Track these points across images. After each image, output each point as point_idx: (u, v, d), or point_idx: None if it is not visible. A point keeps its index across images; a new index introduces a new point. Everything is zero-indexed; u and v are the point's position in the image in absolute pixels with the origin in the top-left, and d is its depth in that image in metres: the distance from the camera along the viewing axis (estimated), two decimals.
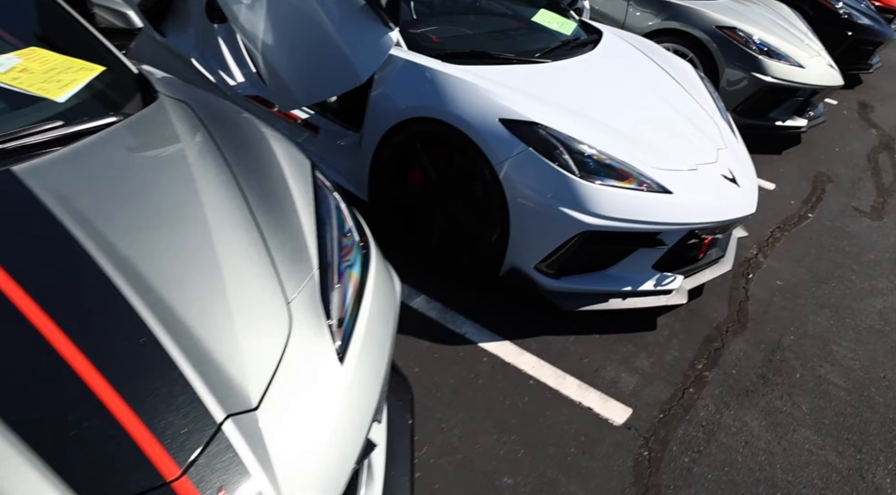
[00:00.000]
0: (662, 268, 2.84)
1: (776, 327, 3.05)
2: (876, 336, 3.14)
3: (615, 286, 2.76)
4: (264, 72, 2.97)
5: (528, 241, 2.65)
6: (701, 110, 3.38)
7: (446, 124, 2.68)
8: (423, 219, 2.95)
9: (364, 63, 2.81)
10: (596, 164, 2.60)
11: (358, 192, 3.14)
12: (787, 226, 4.00)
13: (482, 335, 2.64)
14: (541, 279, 2.69)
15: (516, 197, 2.58)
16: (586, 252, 2.66)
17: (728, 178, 2.96)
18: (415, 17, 3.26)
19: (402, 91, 2.84)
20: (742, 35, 4.79)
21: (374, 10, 2.70)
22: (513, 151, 2.57)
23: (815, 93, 5.00)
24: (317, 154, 3.31)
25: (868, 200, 4.60)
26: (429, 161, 2.83)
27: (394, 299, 1.86)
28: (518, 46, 3.35)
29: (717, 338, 2.89)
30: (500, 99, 2.66)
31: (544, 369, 2.53)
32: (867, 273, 3.67)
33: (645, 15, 5.07)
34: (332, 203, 1.87)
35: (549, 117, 2.66)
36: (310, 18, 2.79)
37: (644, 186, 2.64)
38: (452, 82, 2.73)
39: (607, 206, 2.55)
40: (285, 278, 1.56)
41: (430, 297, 2.79)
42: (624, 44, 3.77)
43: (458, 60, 2.92)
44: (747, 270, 3.46)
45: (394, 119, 2.84)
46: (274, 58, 2.89)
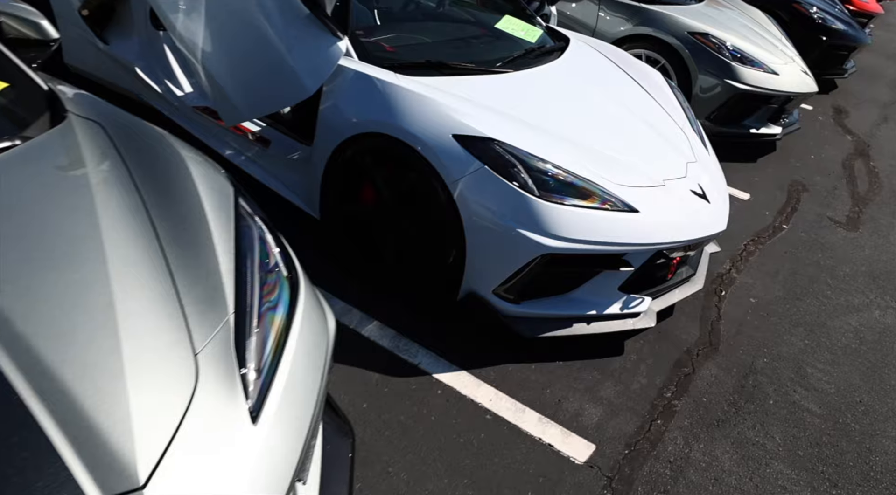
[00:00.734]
0: (629, 290, 2.69)
1: (749, 349, 2.92)
2: (851, 356, 3.02)
3: (579, 310, 2.60)
4: (206, 84, 2.78)
5: (486, 265, 2.49)
6: (670, 121, 3.25)
7: (397, 140, 2.51)
8: (377, 240, 2.78)
9: (311, 74, 2.63)
10: (556, 183, 2.44)
11: (310, 210, 2.96)
12: (761, 239, 3.88)
13: (437, 365, 2.48)
14: (500, 304, 2.53)
15: (471, 218, 2.42)
16: (547, 275, 2.50)
17: (698, 194, 2.82)
18: (368, 24, 3.09)
19: (352, 104, 2.66)
20: (715, 41, 4.67)
21: (319, 19, 2.53)
22: (467, 169, 2.40)
23: (789, 100, 4.90)
24: (268, 169, 3.13)
25: (843, 210, 4.50)
26: (381, 178, 2.66)
27: (326, 339, 1.68)
28: (479, 55, 3.19)
29: (687, 363, 2.75)
30: (453, 113, 2.49)
31: (503, 402, 2.37)
32: (842, 288, 3.55)
33: (616, 21, 4.94)
34: (256, 234, 1.69)
35: (507, 132, 2.51)
36: (252, 27, 2.60)
37: (608, 205, 2.49)
38: (403, 95, 2.56)
39: (568, 228, 2.39)
40: (194, 325, 1.38)
41: (384, 324, 2.62)
42: (591, 52, 3.63)
43: (412, 71, 2.75)
44: (720, 287, 3.33)
45: (344, 134, 2.66)
46: (215, 69, 2.71)
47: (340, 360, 2.40)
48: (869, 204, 4.68)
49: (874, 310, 3.41)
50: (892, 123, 6.54)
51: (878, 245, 4.10)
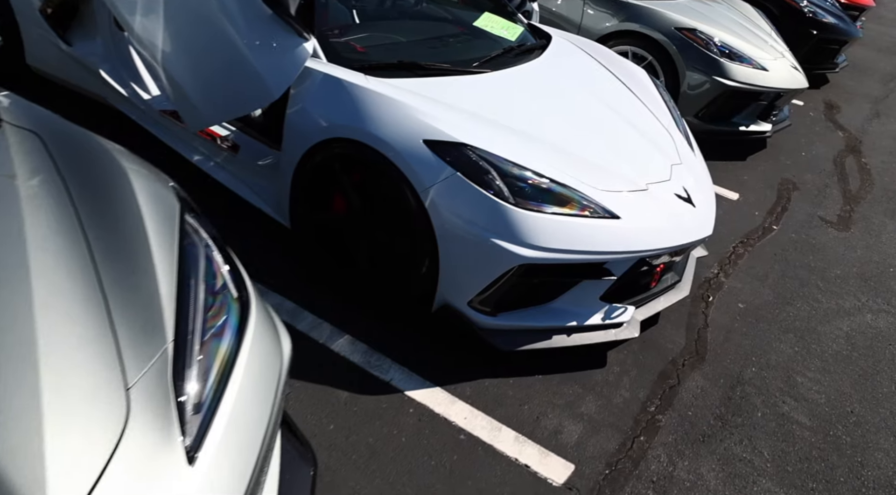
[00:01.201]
0: (611, 299, 2.58)
1: (737, 358, 2.82)
2: (842, 363, 2.92)
3: (559, 321, 2.50)
4: (167, 87, 2.66)
5: (460, 276, 2.38)
6: (655, 121, 3.14)
7: (366, 146, 2.39)
8: (349, 249, 2.67)
9: (276, 77, 2.52)
10: (533, 189, 2.33)
11: (280, 218, 2.84)
12: (750, 241, 3.78)
13: (410, 381, 2.36)
14: (475, 316, 2.42)
15: (444, 227, 2.31)
16: (525, 286, 2.40)
17: (682, 198, 2.71)
18: (338, 24, 2.96)
19: (319, 108, 2.54)
20: (702, 37, 4.56)
21: (283, 19, 2.41)
22: (439, 176, 2.29)
23: (779, 96, 4.80)
24: (237, 175, 3.00)
25: (835, 209, 4.41)
26: (351, 185, 2.55)
27: (278, 364, 1.57)
28: (455, 55, 3.07)
29: (672, 374, 2.65)
30: (424, 117, 2.38)
31: (478, 420, 2.26)
32: (833, 291, 3.46)
33: (602, 16, 4.82)
34: (202, 253, 1.57)
35: (482, 136, 2.39)
36: (213, 28, 2.48)
37: (587, 212, 2.38)
38: (372, 99, 2.44)
39: (545, 236, 2.28)
40: (128, 356, 1.27)
41: (355, 338, 2.51)
42: (574, 50, 3.51)
43: (383, 72, 2.63)
44: (707, 292, 3.22)
45: (312, 139, 2.54)
46: (176, 72, 2.58)
47: (308, 378, 2.29)
48: (860, 202, 4.58)
49: (866, 314, 3.31)
50: (884, 118, 6.45)
51: (869, 245, 4.00)
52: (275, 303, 2.60)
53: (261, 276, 2.71)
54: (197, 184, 3.16)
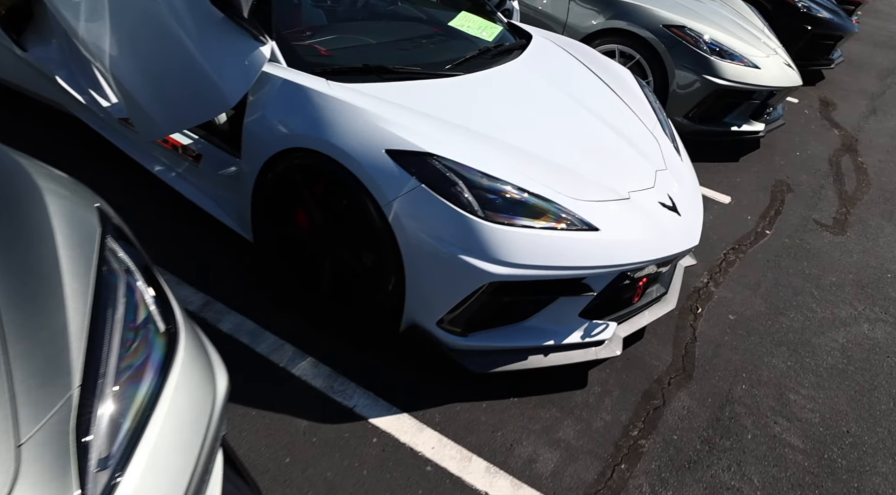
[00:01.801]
0: (592, 315, 2.43)
1: (726, 374, 2.67)
2: (838, 378, 2.77)
3: (535, 341, 2.35)
4: (119, 95, 2.51)
5: (427, 295, 2.23)
6: (639, 125, 2.99)
7: (326, 157, 2.24)
8: (313, 266, 2.51)
9: (232, 84, 2.36)
10: (504, 201, 2.18)
11: (242, 231, 2.69)
12: (742, 247, 3.63)
13: (375, 407, 2.21)
14: (445, 337, 2.27)
15: (409, 243, 2.16)
16: (497, 304, 2.25)
17: (667, 206, 2.56)
18: (301, 25, 2.81)
19: (278, 116, 2.39)
20: (692, 34, 4.41)
21: (236, 22, 2.25)
22: (402, 189, 2.14)
23: (772, 94, 4.64)
24: (199, 186, 2.85)
25: (830, 211, 4.25)
26: (312, 198, 2.40)
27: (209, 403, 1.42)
28: (426, 57, 2.92)
29: (657, 394, 2.50)
30: (387, 125, 2.22)
31: (447, 449, 2.11)
32: (829, 299, 3.31)
33: (588, 14, 4.66)
34: (123, 282, 1.42)
35: (449, 145, 2.24)
36: (163, 33, 2.33)
37: (563, 224, 2.23)
38: (332, 106, 2.29)
39: (518, 252, 2.13)
40: (25, 405, 1.12)
41: (319, 361, 2.35)
42: (555, 50, 3.36)
43: (347, 77, 2.48)
44: (696, 303, 3.07)
45: (271, 149, 2.39)
46: (126, 79, 2.43)
47: (265, 406, 2.14)
48: (857, 203, 4.43)
49: (862, 324, 3.16)
50: (880, 115, 6.30)
51: (866, 249, 3.85)
52: (235, 323, 2.45)
53: (222, 294, 2.56)
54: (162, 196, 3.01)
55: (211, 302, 2.52)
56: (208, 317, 2.45)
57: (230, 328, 2.42)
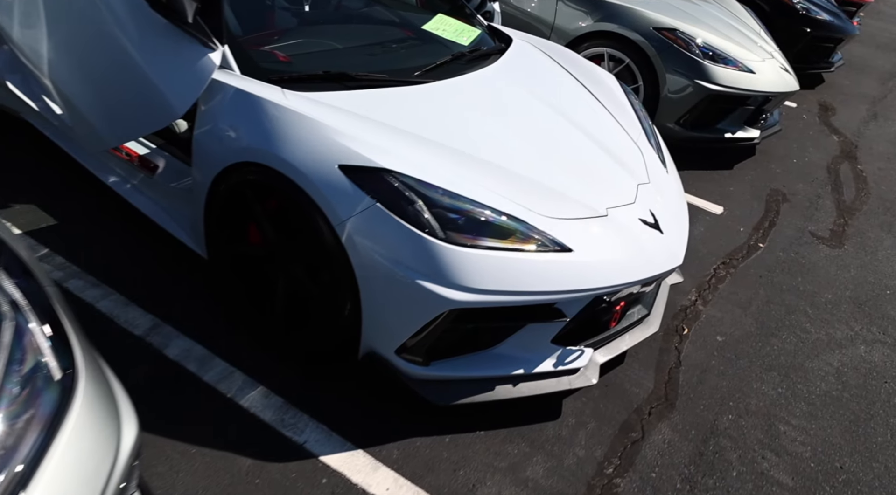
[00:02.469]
0: (565, 341, 2.27)
1: (711, 403, 2.50)
2: (832, 406, 2.60)
3: (503, 369, 2.18)
4: (61, 105, 2.35)
5: (384, 321, 2.07)
6: (622, 135, 2.82)
7: (277, 172, 2.08)
8: (267, 286, 2.35)
9: (179, 93, 2.20)
10: (467, 221, 2.01)
11: (197, 248, 2.53)
12: (733, 261, 3.46)
13: (328, 443, 2.05)
14: (405, 366, 2.10)
15: (364, 266, 1.99)
16: (460, 332, 2.08)
17: (648, 223, 2.39)
18: (259, 29, 2.64)
19: (229, 128, 2.23)
20: (683, 37, 4.23)
21: (181, 28, 2.09)
22: (356, 208, 1.97)
23: (767, 100, 4.47)
24: (154, 199, 2.69)
25: (827, 223, 4.08)
26: (264, 215, 2.23)
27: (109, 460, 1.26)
28: (395, 63, 2.75)
29: (636, 426, 2.33)
30: (342, 138, 2.06)
31: (403, 490, 1.95)
32: (824, 318, 3.13)
33: (576, 16, 4.49)
34: (9, 329, 1.26)
35: (410, 159, 2.08)
36: (103, 38, 2.17)
37: (533, 245, 2.06)
38: (285, 117, 2.12)
39: (481, 276, 1.96)
40: None
41: (270, 390, 2.19)
42: (535, 54, 3.19)
43: (306, 85, 2.31)
44: (682, 324, 2.90)
45: (222, 162, 2.23)
46: (67, 88, 2.27)
47: (207, 443, 1.98)
48: (855, 214, 4.26)
49: (859, 346, 2.99)
50: (881, 120, 6.12)
51: (864, 264, 3.68)
52: (183, 348, 2.28)
53: (172, 316, 2.40)
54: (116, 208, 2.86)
55: (159, 324, 2.36)
56: (154, 342, 2.29)
57: (177, 354, 2.26)
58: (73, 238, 2.70)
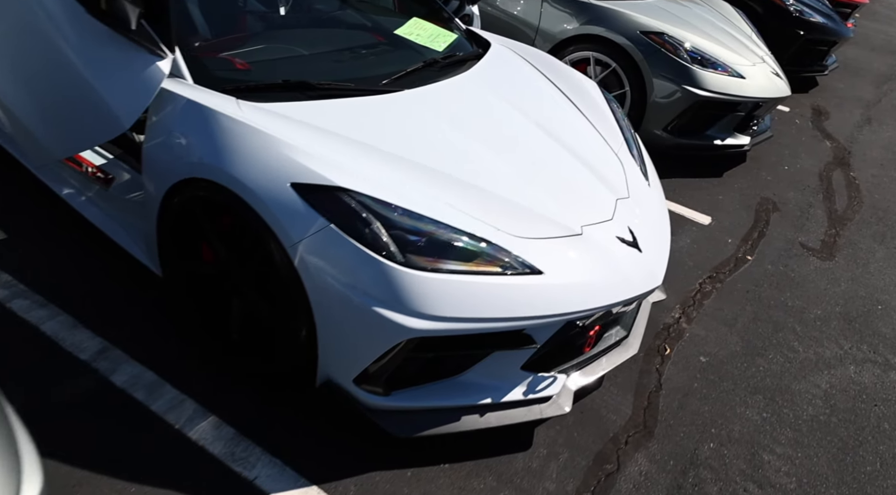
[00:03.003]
0: (537, 368, 2.14)
1: (692, 430, 2.38)
2: (819, 432, 2.48)
3: (469, 399, 2.05)
4: (4, 116, 2.22)
5: (341, 349, 1.94)
6: (602, 146, 2.69)
7: (227, 189, 1.95)
8: (222, 308, 2.22)
9: (126, 104, 2.08)
10: (429, 243, 1.89)
11: (152, 265, 2.40)
12: (720, 275, 3.34)
13: (281, 479, 1.92)
14: (364, 397, 1.98)
15: (318, 291, 1.86)
16: (421, 361, 1.96)
17: (626, 242, 2.26)
18: (216, 34, 2.51)
19: (179, 141, 2.10)
20: (671, 41, 4.11)
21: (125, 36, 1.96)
22: (308, 229, 1.84)
23: (757, 106, 4.35)
24: (109, 213, 2.55)
25: (818, 233, 3.96)
26: (216, 234, 2.11)
27: None
28: (363, 71, 2.62)
29: (611, 456, 2.21)
30: (295, 154, 1.93)
31: None
32: (813, 336, 3.02)
33: (561, 19, 4.36)
34: None
35: (369, 176, 1.95)
36: (45, 45, 2.04)
37: (500, 267, 1.94)
38: (236, 130, 1.99)
39: (443, 302, 1.84)
40: None
41: (222, 420, 2.06)
42: (514, 59, 3.06)
43: (264, 95, 2.18)
44: (664, 343, 2.78)
45: (172, 177, 2.10)
46: (8, 97, 2.14)
47: (148, 481, 1.85)
48: (847, 224, 4.14)
49: (848, 365, 2.87)
50: (875, 125, 6.01)
51: (855, 277, 3.56)
52: (132, 374, 2.15)
53: (123, 339, 2.27)
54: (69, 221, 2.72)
55: (108, 348, 2.23)
56: (101, 368, 2.15)
57: (125, 381, 2.13)
58: (21, 254, 2.56)
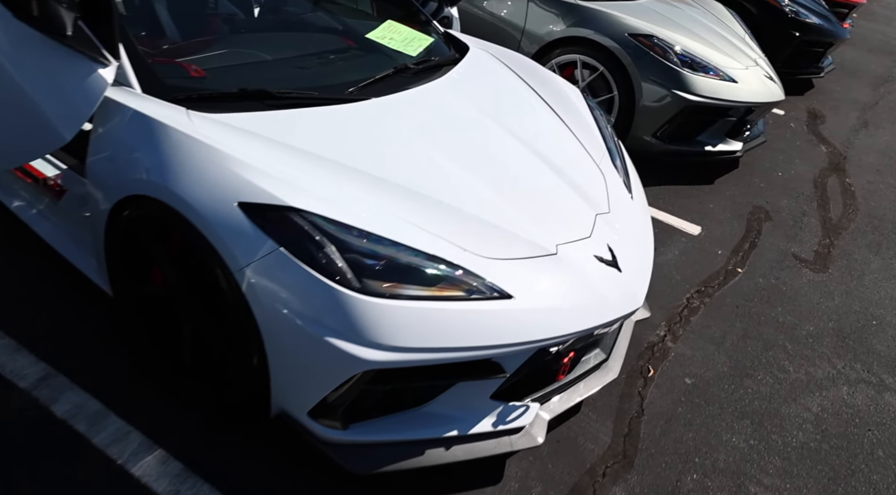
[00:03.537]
0: (507, 396, 2.01)
1: (675, 460, 2.25)
2: (809, 460, 2.35)
3: (434, 431, 1.92)
4: None
5: (293, 381, 1.80)
6: (584, 157, 2.56)
7: (171, 209, 1.81)
8: (173, 331, 2.09)
9: (65, 116, 1.93)
10: (387, 267, 1.75)
11: (101, 283, 2.26)
12: (708, 290, 3.20)
13: None
14: (320, 430, 1.84)
15: (268, 319, 1.73)
16: (379, 393, 1.82)
17: (605, 261, 2.13)
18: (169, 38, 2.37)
19: (124, 155, 1.96)
20: (660, 44, 3.97)
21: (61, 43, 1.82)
22: (256, 253, 1.70)
23: (750, 111, 4.21)
24: (59, 227, 2.42)
25: (812, 243, 3.83)
26: (163, 254, 1.97)
27: None
28: (329, 78, 2.48)
29: (587, 490, 2.08)
30: (244, 171, 1.79)
31: None
32: (804, 355, 2.88)
33: (548, 20, 4.22)
34: None
35: (324, 195, 1.81)
36: None
37: (464, 290, 1.80)
38: (185, 145, 1.85)
39: (402, 332, 1.70)
40: None
41: (169, 454, 1.93)
42: (492, 64, 2.93)
43: (218, 105, 2.05)
44: (647, 364, 2.65)
45: (116, 194, 1.96)
46: None
47: None
48: (842, 233, 4.01)
49: (841, 386, 2.74)
50: (872, 129, 5.88)
51: (850, 290, 3.43)
52: (75, 403, 2.02)
53: (68, 365, 2.13)
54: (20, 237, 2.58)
55: (51, 374, 2.09)
56: (42, 397, 2.02)
57: (67, 410, 1.99)
58: None
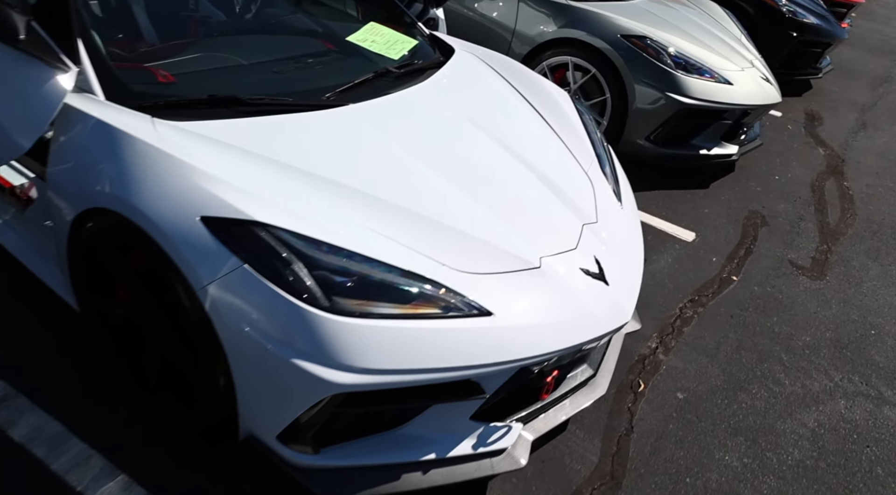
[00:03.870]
0: (488, 417, 1.92)
1: (665, 480, 2.16)
2: (805, 480, 2.26)
3: (410, 454, 1.82)
4: None
5: (261, 404, 1.71)
6: (572, 164, 2.47)
7: (131, 223, 1.72)
8: (139, 348, 2.00)
9: (22, 124, 1.85)
10: (358, 285, 1.66)
11: (66, 297, 2.17)
12: (702, 298, 3.11)
13: None
14: (290, 455, 1.75)
15: (231, 339, 1.64)
16: (350, 416, 1.73)
17: (591, 274, 2.04)
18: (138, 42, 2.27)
19: (85, 166, 1.87)
20: (653, 46, 3.88)
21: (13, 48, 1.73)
22: (220, 270, 1.61)
23: (746, 113, 4.12)
24: (24, 237, 2.33)
25: (809, 249, 3.74)
26: (126, 270, 1.88)
27: None
28: (305, 82, 2.39)
29: None
30: (208, 183, 1.70)
31: None
32: (801, 367, 2.80)
33: (539, 21, 4.13)
34: None
35: (291, 208, 1.72)
36: None
37: (440, 308, 1.71)
38: (148, 155, 1.76)
39: (373, 353, 1.61)
40: None
41: (132, 478, 1.83)
42: (478, 67, 2.83)
43: (186, 113, 1.95)
44: (638, 378, 2.56)
45: (77, 207, 1.88)
46: None
47: None
48: (840, 239, 3.92)
49: (839, 400, 2.65)
50: (870, 130, 5.79)
51: (847, 298, 3.34)
52: (35, 425, 1.92)
53: (29, 384, 2.04)
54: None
55: (11, 395, 2.00)
56: (0, 419, 1.93)
57: (25, 433, 1.90)
58: None
